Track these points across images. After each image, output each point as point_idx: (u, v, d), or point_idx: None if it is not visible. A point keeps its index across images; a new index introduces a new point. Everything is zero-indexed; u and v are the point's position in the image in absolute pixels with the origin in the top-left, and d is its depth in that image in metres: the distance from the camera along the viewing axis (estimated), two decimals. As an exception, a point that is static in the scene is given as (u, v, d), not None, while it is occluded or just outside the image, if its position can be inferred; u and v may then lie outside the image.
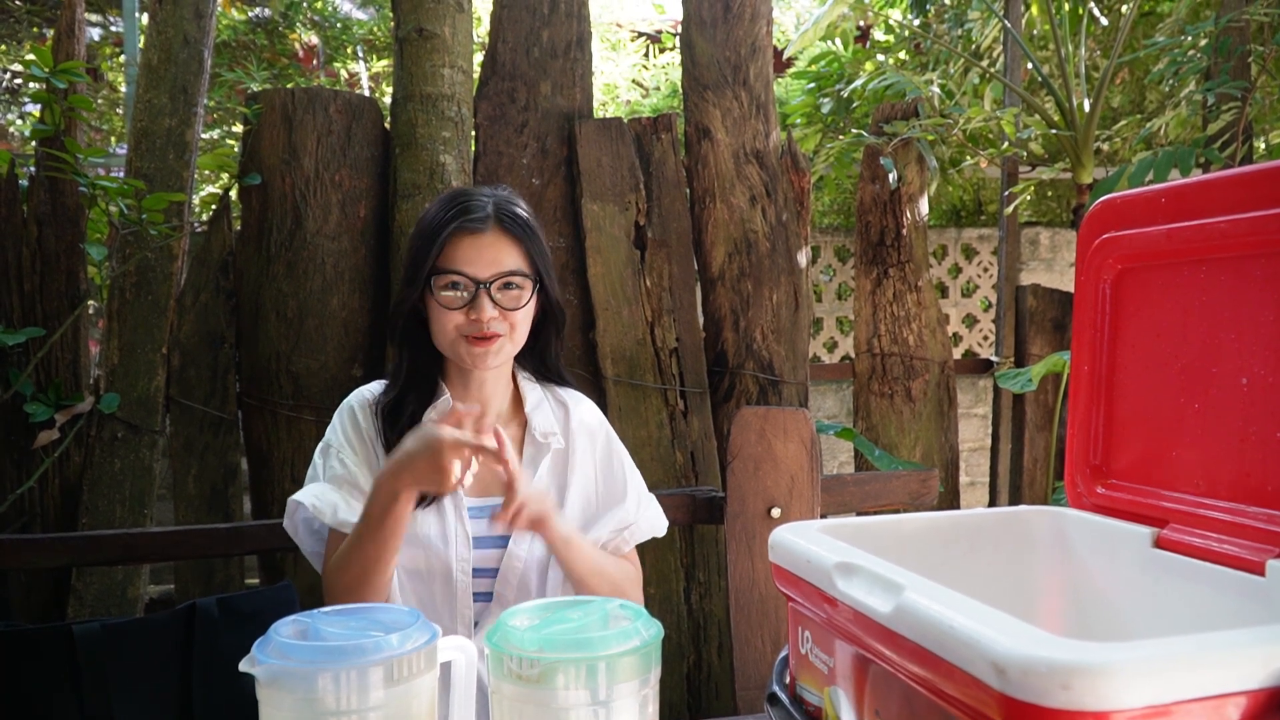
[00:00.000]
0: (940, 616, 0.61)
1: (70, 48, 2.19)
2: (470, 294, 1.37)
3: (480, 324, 1.36)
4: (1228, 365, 0.83)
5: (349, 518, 1.37)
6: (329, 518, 1.38)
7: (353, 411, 1.46)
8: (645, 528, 1.54)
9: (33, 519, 2.15)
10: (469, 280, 1.37)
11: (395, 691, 0.78)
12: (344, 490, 1.41)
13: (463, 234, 1.38)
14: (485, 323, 1.36)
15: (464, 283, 1.37)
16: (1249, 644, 0.55)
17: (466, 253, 1.38)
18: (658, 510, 1.57)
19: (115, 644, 1.42)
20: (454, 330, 1.38)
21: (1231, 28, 2.95)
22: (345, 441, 1.44)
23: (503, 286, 1.39)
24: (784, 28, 6.93)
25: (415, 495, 1.28)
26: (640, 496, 1.55)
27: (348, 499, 1.40)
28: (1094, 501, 0.96)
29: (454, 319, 1.38)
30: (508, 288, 1.39)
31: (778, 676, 0.88)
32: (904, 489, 2.11)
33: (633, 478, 1.55)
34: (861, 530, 0.92)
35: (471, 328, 1.37)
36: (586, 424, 1.52)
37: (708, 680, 2.44)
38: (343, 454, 1.43)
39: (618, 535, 1.50)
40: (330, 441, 1.46)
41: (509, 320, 1.39)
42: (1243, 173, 0.79)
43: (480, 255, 1.38)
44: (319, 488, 1.41)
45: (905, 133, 2.86)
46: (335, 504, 1.39)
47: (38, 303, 2.16)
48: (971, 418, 4.91)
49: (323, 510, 1.38)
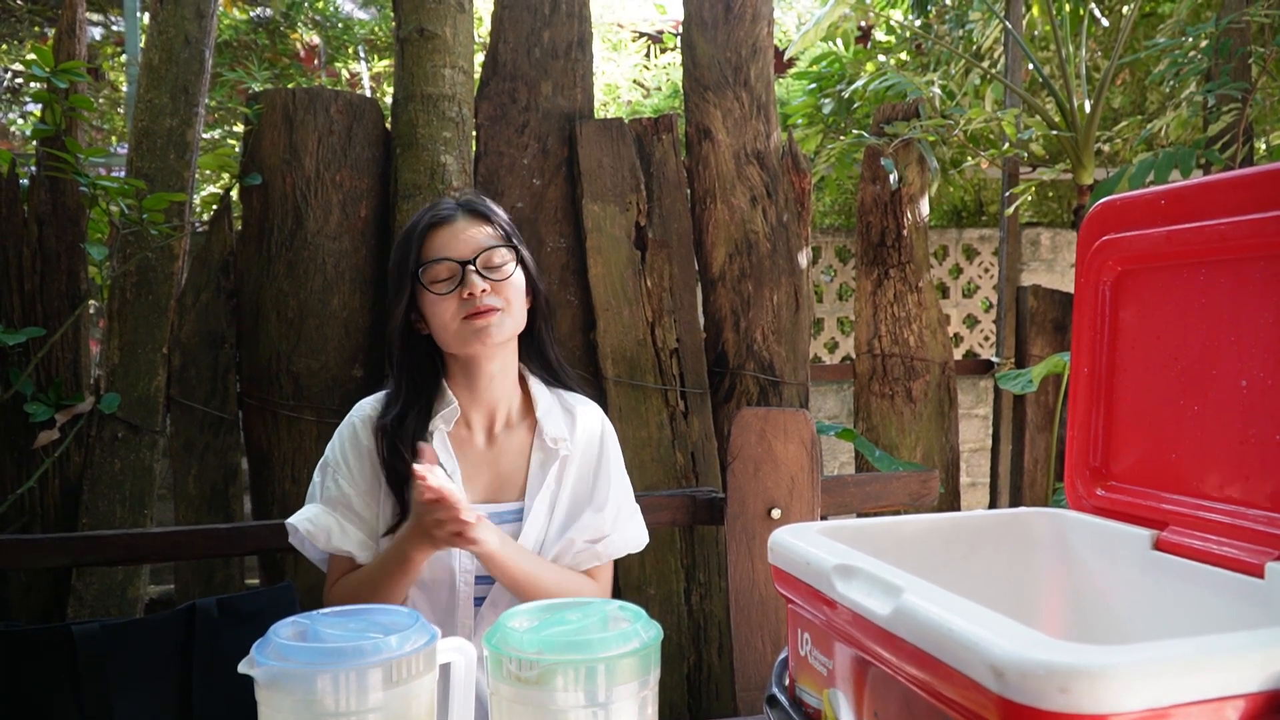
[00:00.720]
0: (939, 619, 0.60)
1: (71, 47, 2.19)
2: (458, 277, 1.41)
3: (474, 299, 1.39)
4: (1227, 367, 0.82)
5: (342, 544, 1.40)
6: (322, 544, 1.40)
7: (354, 429, 1.47)
8: (619, 543, 1.50)
9: (33, 519, 2.15)
10: (454, 263, 1.41)
11: (394, 693, 0.78)
12: (338, 513, 1.42)
13: (436, 226, 1.44)
14: (479, 296, 1.39)
15: (450, 268, 1.41)
16: (1248, 647, 0.55)
17: (444, 239, 1.43)
18: (639, 527, 1.55)
19: (115, 644, 1.42)
20: (452, 317, 1.41)
21: (1232, 29, 2.94)
22: (342, 460, 1.45)
23: (487, 263, 1.42)
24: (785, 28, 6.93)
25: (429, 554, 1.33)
26: (620, 509, 1.52)
27: (342, 522, 1.41)
28: (1094, 503, 0.96)
29: (449, 305, 1.41)
30: (491, 264, 1.43)
31: (777, 678, 0.88)
32: (904, 490, 2.10)
33: (617, 489, 1.52)
34: (861, 532, 0.92)
35: (467, 305, 1.40)
36: (589, 430, 1.52)
37: (708, 681, 2.44)
38: (339, 474, 1.44)
39: (589, 547, 1.47)
40: (328, 459, 1.47)
41: (502, 294, 1.42)
42: (1242, 175, 0.79)
43: (456, 239, 1.43)
44: (314, 510, 1.43)
45: (906, 133, 2.86)
46: (329, 529, 1.40)
47: (38, 302, 2.16)
48: (972, 418, 4.91)
49: (316, 536, 1.40)
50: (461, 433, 1.48)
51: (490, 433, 1.49)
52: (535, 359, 1.55)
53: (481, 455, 1.47)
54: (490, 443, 1.48)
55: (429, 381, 1.48)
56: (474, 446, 1.48)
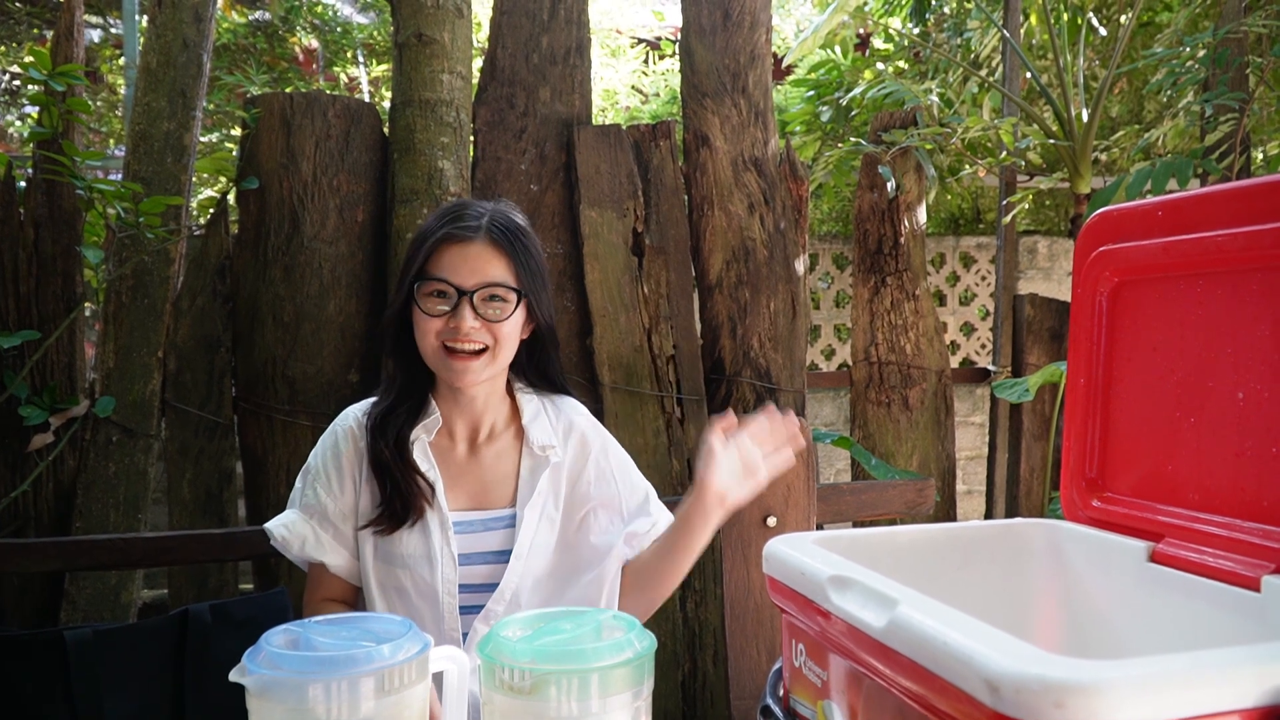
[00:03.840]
0: (934, 632, 0.60)
1: (69, 50, 2.19)
2: (453, 303, 1.35)
3: (459, 332, 1.34)
4: (1224, 380, 0.82)
5: (315, 554, 1.39)
6: (295, 551, 1.40)
7: (336, 438, 1.45)
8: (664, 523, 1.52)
9: (26, 522, 2.15)
10: (452, 289, 1.34)
11: (386, 702, 0.78)
12: (314, 521, 1.41)
13: (450, 242, 1.36)
14: (465, 331, 1.34)
15: (448, 290, 1.35)
16: (1243, 662, 0.54)
17: (452, 260, 1.35)
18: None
19: (107, 650, 1.42)
20: (435, 339, 1.36)
21: (1230, 39, 2.95)
22: (322, 469, 1.43)
23: (487, 298, 1.36)
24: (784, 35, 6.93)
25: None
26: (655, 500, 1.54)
27: (317, 531, 1.40)
28: (1089, 515, 0.96)
29: (435, 326, 1.35)
30: (491, 300, 1.36)
31: (771, 689, 0.87)
32: (900, 498, 2.10)
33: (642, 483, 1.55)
34: (856, 542, 0.92)
35: (451, 335, 1.35)
36: (580, 430, 1.51)
37: (703, 689, 2.43)
38: (318, 482, 1.43)
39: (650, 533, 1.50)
40: (310, 466, 1.46)
41: (492, 333, 1.36)
42: (1239, 187, 0.79)
43: (465, 264, 1.35)
44: (291, 516, 1.42)
45: (904, 141, 2.86)
46: (304, 537, 1.40)
47: (34, 305, 2.16)
48: (969, 426, 4.90)
49: (290, 543, 1.39)
50: (443, 442, 1.46)
51: (473, 443, 1.47)
52: (535, 379, 1.53)
53: (464, 465, 1.46)
54: (473, 452, 1.46)
55: (422, 378, 1.46)
56: (456, 456, 1.46)
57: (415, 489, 1.38)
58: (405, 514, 1.37)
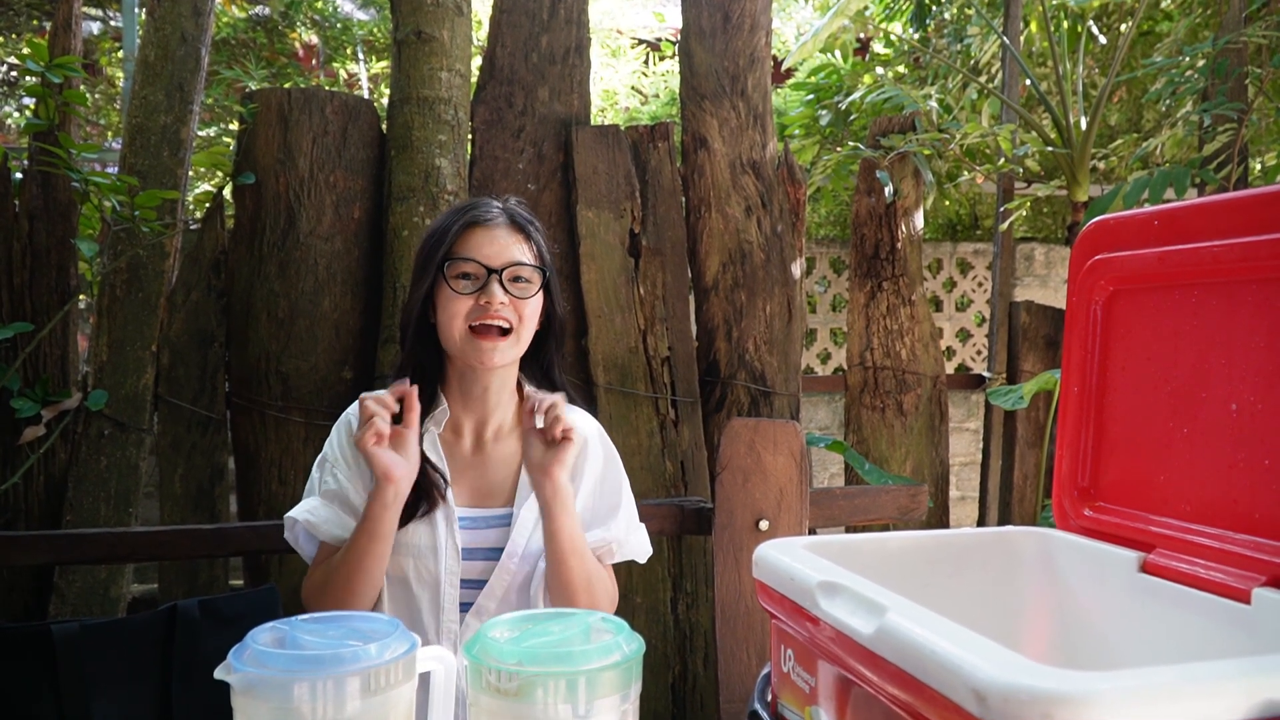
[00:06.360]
0: (922, 640, 0.60)
1: (67, 42, 2.18)
2: (481, 282, 1.39)
3: (490, 308, 1.37)
4: (1217, 390, 0.82)
5: (341, 533, 1.39)
6: (324, 533, 1.40)
7: (349, 425, 1.47)
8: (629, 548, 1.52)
9: (16, 515, 2.14)
10: (481, 267, 1.39)
11: (372, 702, 0.77)
12: (335, 505, 1.42)
13: (475, 225, 1.42)
14: (495, 307, 1.37)
15: (476, 270, 1.39)
16: (1233, 675, 0.54)
17: (479, 241, 1.41)
18: (643, 537, 1.56)
19: (94, 645, 1.41)
20: (463, 320, 1.39)
21: (1229, 49, 2.95)
22: (340, 456, 1.45)
23: (513, 278, 1.41)
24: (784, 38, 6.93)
25: (389, 493, 1.30)
26: (630, 523, 1.53)
27: (340, 514, 1.41)
28: (1081, 524, 0.95)
29: (464, 306, 1.39)
30: (517, 280, 1.41)
31: (759, 694, 0.87)
32: (893, 504, 2.10)
33: (626, 502, 1.53)
34: (846, 548, 0.91)
35: (480, 313, 1.38)
36: (585, 437, 1.51)
37: (693, 691, 2.43)
38: (336, 468, 1.44)
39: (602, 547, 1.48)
40: (326, 455, 1.47)
41: (518, 311, 1.40)
42: (1235, 198, 0.79)
43: (493, 244, 1.41)
44: (312, 503, 1.43)
45: (902, 146, 2.86)
46: (329, 519, 1.41)
47: (27, 297, 2.15)
48: (963, 432, 4.91)
49: (317, 525, 1.40)
50: (450, 437, 1.47)
51: (479, 440, 1.49)
52: (539, 377, 1.54)
53: (469, 461, 1.47)
54: (478, 449, 1.48)
55: (434, 371, 1.48)
56: (462, 452, 1.47)
57: (428, 480, 1.39)
58: (417, 504, 1.39)
